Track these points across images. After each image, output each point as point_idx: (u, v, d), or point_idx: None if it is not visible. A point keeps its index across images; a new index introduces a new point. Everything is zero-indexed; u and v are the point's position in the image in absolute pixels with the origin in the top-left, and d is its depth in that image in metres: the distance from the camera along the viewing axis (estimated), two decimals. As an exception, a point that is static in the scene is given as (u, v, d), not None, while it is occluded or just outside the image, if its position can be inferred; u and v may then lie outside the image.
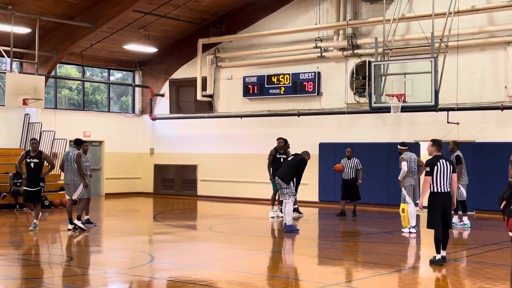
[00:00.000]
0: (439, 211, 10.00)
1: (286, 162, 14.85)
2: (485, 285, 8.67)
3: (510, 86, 18.23)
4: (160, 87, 25.87)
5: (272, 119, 22.47)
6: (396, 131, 19.98)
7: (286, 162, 14.91)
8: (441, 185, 9.98)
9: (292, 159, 14.66)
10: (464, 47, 18.67)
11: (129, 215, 19.58)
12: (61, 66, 24.50)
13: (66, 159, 14.43)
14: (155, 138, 25.98)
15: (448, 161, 10.11)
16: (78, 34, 21.44)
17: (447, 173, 10.00)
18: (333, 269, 10.13)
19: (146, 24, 22.82)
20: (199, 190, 24.70)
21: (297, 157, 14.59)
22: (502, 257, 11.00)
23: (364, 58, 20.51)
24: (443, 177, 9.98)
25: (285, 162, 15.00)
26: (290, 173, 14.34)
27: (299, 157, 14.59)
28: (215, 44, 23.88)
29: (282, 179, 14.26)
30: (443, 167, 9.99)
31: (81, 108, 24.94)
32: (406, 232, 14.17)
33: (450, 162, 10.13)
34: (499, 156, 18.08)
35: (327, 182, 21.01)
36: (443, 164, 10.01)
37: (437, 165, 10.00)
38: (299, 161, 14.48)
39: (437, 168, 9.99)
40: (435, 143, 10.28)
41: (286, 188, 14.25)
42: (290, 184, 14.29)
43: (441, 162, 10.02)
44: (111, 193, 24.89)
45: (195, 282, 8.72)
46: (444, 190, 9.99)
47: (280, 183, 14.29)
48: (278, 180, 14.34)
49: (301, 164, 14.48)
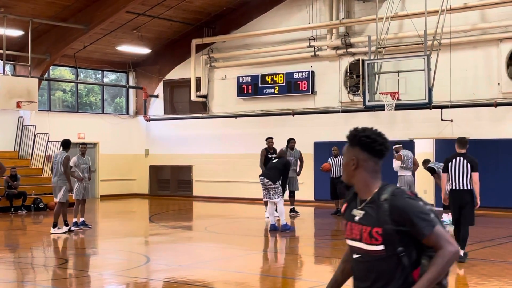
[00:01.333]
0: (455, 208, 10.00)
1: (273, 165, 14.67)
2: (480, 282, 8.71)
3: (503, 82, 18.29)
4: (154, 88, 25.84)
5: (267, 118, 22.48)
6: (391, 129, 19.98)
7: (272, 164, 14.70)
8: (456, 182, 9.94)
9: (278, 161, 14.60)
10: (456, 44, 18.71)
11: (124, 217, 19.56)
12: (55, 68, 24.46)
13: (55, 161, 14.44)
14: (149, 139, 25.95)
15: (467, 159, 9.97)
16: (71, 36, 21.39)
17: (463, 170, 9.90)
18: (329, 268, 10.14)
19: (139, 25, 22.80)
20: (194, 191, 24.69)
21: (283, 160, 14.65)
22: (497, 254, 11.04)
23: (358, 56, 20.53)
24: (458, 174, 9.91)
25: (272, 164, 14.79)
26: (278, 175, 14.42)
27: (285, 160, 14.70)
28: (209, 44, 23.88)
29: (270, 179, 14.24)
30: (459, 165, 9.92)
31: (75, 110, 24.90)
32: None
33: (469, 161, 9.96)
34: (493, 153, 18.15)
35: (322, 181, 21.00)
36: (460, 161, 9.94)
37: (452, 162, 9.97)
38: (286, 163, 14.58)
39: (451, 165, 9.95)
40: (457, 141, 10.25)
41: (274, 188, 14.26)
42: (277, 184, 14.32)
43: (458, 159, 9.95)
44: (106, 194, 24.85)
45: (191, 283, 8.72)
46: (459, 187, 9.92)
47: (266, 184, 14.26)
48: (265, 180, 14.29)
49: (287, 166, 14.59)
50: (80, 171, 14.68)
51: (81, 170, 14.68)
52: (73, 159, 14.61)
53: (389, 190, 3.05)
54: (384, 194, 3.04)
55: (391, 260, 2.99)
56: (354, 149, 3.13)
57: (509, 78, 18.15)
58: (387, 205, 3.00)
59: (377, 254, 3.01)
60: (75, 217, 14.79)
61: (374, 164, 3.14)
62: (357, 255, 3.10)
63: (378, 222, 3.00)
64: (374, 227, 3.01)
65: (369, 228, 3.03)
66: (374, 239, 3.01)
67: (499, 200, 18.04)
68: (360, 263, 3.09)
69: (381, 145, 3.12)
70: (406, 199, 3.01)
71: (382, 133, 3.17)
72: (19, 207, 19.48)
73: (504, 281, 8.76)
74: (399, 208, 2.97)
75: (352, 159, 3.13)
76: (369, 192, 3.11)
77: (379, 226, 3.00)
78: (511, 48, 18.08)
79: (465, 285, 8.83)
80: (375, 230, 3.01)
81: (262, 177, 14.47)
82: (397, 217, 2.97)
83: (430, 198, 19.53)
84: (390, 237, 2.98)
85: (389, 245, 2.98)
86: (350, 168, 3.14)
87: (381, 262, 3.01)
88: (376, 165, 3.16)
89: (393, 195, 3.02)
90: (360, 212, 3.10)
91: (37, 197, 20.06)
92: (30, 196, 19.92)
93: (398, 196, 3.01)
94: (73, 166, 14.55)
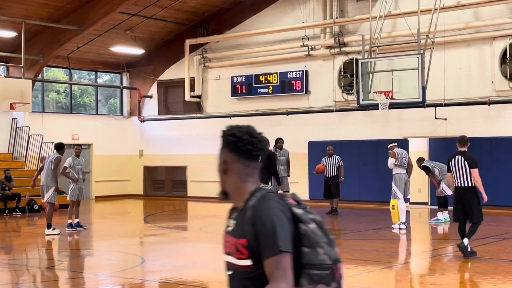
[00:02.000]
0: (457, 205, 10.35)
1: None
2: (475, 279, 8.73)
3: (496, 81, 18.34)
4: (148, 88, 25.81)
5: (261, 118, 22.46)
6: (385, 128, 20.04)
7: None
8: (458, 180, 10.30)
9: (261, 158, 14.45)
10: (450, 43, 18.75)
11: (119, 218, 19.53)
12: (48, 70, 24.40)
13: (46, 162, 14.46)
14: (144, 139, 25.92)
15: (464, 157, 10.31)
16: (64, 37, 21.35)
17: (463, 168, 10.25)
18: (324, 267, 10.14)
19: (133, 26, 22.77)
20: (189, 191, 24.67)
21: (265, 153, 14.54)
22: (491, 251, 11.07)
23: (351, 55, 20.55)
24: (459, 172, 10.27)
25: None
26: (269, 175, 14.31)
27: (266, 153, 14.63)
28: (203, 44, 23.86)
29: (263, 182, 14.20)
30: (458, 163, 10.27)
31: (69, 111, 24.85)
32: (396, 228, 14.23)
33: (466, 158, 10.30)
34: (488, 151, 18.18)
35: (317, 180, 20.99)
36: (458, 160, 10.29)
37: (452, 161, 10.35)
38: (268, 156, 14.53)
39: (452, 164, 10.34)
40: (458, 140, 10.65)
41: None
42: (269, 185, 14.28)
43: (457, 158, 10.33)
44: (101, 195, 24.81)
45: (186, 283, 8.72)
46: (460, 185, 10.28)
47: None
48: None
49: (271, 158, 14.52)
50: (75, 172, 14.65)
51: (76, 171, 14.66)
52: (68, 160, 14.61)
53: (258, 196, 2.60)
54: (252, 200, 2.59)
55: (262, 277, 2.51)
56: (223, 150, 2.73)
57: (502, 76, 18.20)
58: (251, 212, 2.56)
59: (246, 270, 2.57)
60: (70, 218, 14.75)
61: (243, 166, 2.67)
62: (230, 271, 2.69)
63: (242, 232, 2.57)
64: (240, 239, 2.58)
65: (236, 239, 2.61)
66: (240, 252, 2.59)
67: (494, 198, 17.96)
68: (232, 280, 2.68)
69: (248, 145, 2.65)
70: (270, 207, 2.54)
71: (253, 131, 2.69)
72: (13, 208, 19.42)
73: (498, 278, 8.78)
74: (257, 216, 2.52)
75: (222, 162, 2.71)
76: (241, 199, 2.65)
77: (243, 237, 2.57)
78: (504, 46, 18.13)
79: (460, 283, 8.85)
80: (240, 242, 2.58)
81: None
82: (257, 227, 2.51)
83: (425, 197, 19.59)
84: (256, 250, 2.52)
85: (257, 260, 2.52)
86: (220, 172, 2.71)
87: (252, 280, 2.57)
88: (247, 167, 2.67)
89: (260, 200, 2.57)
90: (233, 222, 2.68)
91: (32, 199, 20.00)
92: (25, 198, 19.86)
93: (264, 202, 2.56)
94: (68, 167, 14.54)
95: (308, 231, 2.58)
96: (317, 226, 2.61)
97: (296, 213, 2.60)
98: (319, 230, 2.60)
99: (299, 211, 2.61)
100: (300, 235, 2.57)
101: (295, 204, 2.63)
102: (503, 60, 18.18)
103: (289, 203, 2.61)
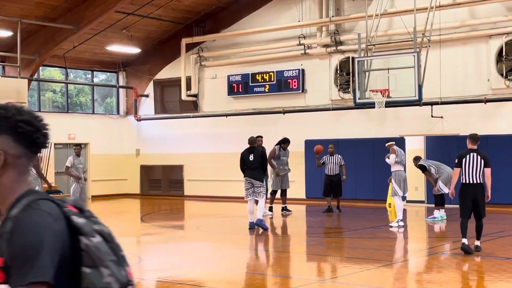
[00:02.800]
0: (469, 201, 10.46)
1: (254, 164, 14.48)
2: (472, 277, 8.74)
3: (492, 79, 18.36)
4: (145, 87, 25.79)
5: (258, 117, 22.47)
6: (381, 127, 20.05)
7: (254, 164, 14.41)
8: (470, 176, 10.45)
9: (255, 158, 14.44)
10: (446, 41, 18.76)
11: (116, 217, 19.51)
12: (44, 69, 24.36)
13: None
14: (140, 139, 25.89)
15: (480, 155, 10.53)
16: (60, 36, 21.31)
17: (477, 166, 10.45)
18: (321, 266, 10.16)
19: (129, 25, 22.73)
20: (186, 190, 24.65)
21: (258, 151, 14.58)
22: (487, 249, 11.08)
23: (348, 54, 20.56)
24: (472, 169, 10.44)
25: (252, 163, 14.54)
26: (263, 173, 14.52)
27: (260, 150, 14.72)
28: (199, 43, 23.85)
29: (258, 179, 14.24)
30: (473, 160, 10.45)
31: (65, 111, 24.81)
32: (394, 226, 14.25)
33: (482, 157, 10.54)
34: (484, 149, 18.11)
35: (313, 178, 21.04)
36: (473, 157, 10.48)
37: (466, 158, 10.49)
38: (262, 153, 14.61)
39: (466, 161, 10.47)
40: (469, 137, 10.87)
41: (260, 186, 14.24)
42: (264, 182, 14.40)
43: (472, 155, 10.51)
44: (97, 195, 24.78)
45: (184, 282, 8.71)
46: (472, 181, 10.45)
47: (254, 183, 14.25)
48: (251, 180, 14.23)
49: (263, 155, 14.69)
50: (77, 172, 14.75)
51: (77, 171, 14.72)
52: (69, 159, 14.75)
53: (24, 203, 1.99)
54: (16, 208, 1.98)
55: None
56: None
57: (498, 75, 18.23)
58: (11, 224, 1.95)
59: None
60: None
61: (27, 162, 2.09)
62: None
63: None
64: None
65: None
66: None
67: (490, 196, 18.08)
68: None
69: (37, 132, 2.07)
70: (32, 219, 1.93)
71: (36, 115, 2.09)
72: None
73: (495, 276, 8.79)
74: (15, 231, 1.93)
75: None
76: (5, 204, 2.04)
77: (0, 255, 1.97)
78: (500, 44, 18.16)
79: (458, 282, 8.86)
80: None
81: (248, 177, 14.36)
82: (12, 245, 1.93)
83: (421, 195, 19.61)
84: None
85: None
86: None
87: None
88: (26, 161, 2.09)
89: (23, 210, 1.96)
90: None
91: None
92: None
93: (27, 212, 1.96)
94: (70, 166, 14.64)
95: (91, 246, 2.03)
96: (104, 239, 2.09)
97: (75, 223, 2.04)
98: (105, 244, 2.07)
99: (80, 221, 2.05)
100: (81, 251, 2.01)
101: (76, 212, 2.08)
102: (499, 58, 18.21)
103: (67, 211, 2.04)
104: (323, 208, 18.15)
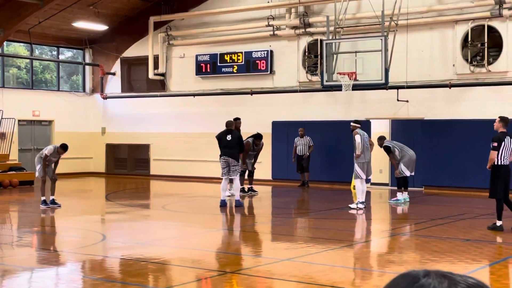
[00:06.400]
0: (500, 181, 10.88)
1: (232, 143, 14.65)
2: (432, 258, 8.92)
3: (458, 64, 18.59)
4: (111, 65, 25.51)
5: (225, 97, 22.44)
6: (348, 109, 20.20)
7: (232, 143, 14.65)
8: (505, 159, 10.87)
9: (233, 138, 14.67)
10: (413, 25, 18.92)
11: (81, 195, 19.38)
12: (9, 44, 23.92)
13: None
14: (106, 117, 25.66)
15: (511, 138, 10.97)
16: (25, 11, 20.90)
17: (509, 148, 10.89)
18: (285, 245, 10.25)
19: (96, 1, 22.41)
20: (152, 170, 24.56)
21: (236, 134, 14.89)
22: (448, 231, 11.31)
23: (316, 36, 20.61)
24: (507, 151, 10.87)
25: (229, 142, 14.70)
26: (239, 152, 14.86)
27: (238, 134, 15.01)
28: (167, 22, 23.64)
29: (234, 158, 14.58)
30: (509, 143, 10.87)
31: (30, 87, 24.42)
32: (353, 207, 14.35)
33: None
34: (447, 133, 18.50)
35: (280, 160, 21.16)
36: (509, 140, 10.89)
37: (505, 141, 10.85)
38: (239, 137, 14.85)
39: (504, 144, 10.84)
40: (502, 120, 11.13)
41: (235, 165, 14.67)
42: (239, 162, 14.92)
43: (508, 138, 10.91)
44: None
45: (148, 260, 8.72)
46: (507, 163, 10.90)
47: (230, 162, 14.52)
48: (228, 159, 14.53)
49: (241, 138, 14.99)
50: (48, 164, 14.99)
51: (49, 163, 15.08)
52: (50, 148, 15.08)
53: None
54: None
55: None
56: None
57: (464, 60, 18.46)
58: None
59: None
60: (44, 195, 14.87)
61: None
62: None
63: None
64: None
65: None
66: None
67: (452, 179, 18.44)
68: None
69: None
70: None
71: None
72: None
73: (455, 257, 8.99)
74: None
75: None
76: None
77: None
78: (466, 30, 18.37)
79: (418, 262, 9.03)
80: None
81: (225, 156, 14.61)
82: None
83: (385, 177, 19.86)
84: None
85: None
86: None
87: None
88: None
89: None
90: None
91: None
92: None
93: None
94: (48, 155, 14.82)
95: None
96: None
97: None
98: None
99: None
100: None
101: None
102: (465, 44, 18.43)
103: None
104: (289, 189, 18.32)
